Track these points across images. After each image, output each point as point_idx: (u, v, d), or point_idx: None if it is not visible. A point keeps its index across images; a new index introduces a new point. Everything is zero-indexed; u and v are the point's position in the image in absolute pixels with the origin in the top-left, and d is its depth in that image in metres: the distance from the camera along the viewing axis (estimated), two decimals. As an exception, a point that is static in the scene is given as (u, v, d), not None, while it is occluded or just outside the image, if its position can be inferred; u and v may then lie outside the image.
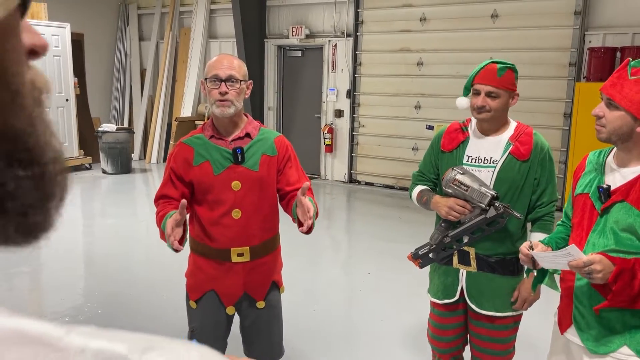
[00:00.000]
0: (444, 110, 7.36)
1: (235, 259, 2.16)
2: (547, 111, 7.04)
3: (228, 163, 2.11)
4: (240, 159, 2.11)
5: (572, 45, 6.80)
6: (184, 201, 1.88)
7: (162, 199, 2.14)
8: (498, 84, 2.16)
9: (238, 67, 2.09)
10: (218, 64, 2.07)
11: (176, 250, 1.91)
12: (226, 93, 2.05)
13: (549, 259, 1.72)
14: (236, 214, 2.13)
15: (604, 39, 6.61)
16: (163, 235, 1.97)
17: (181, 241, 1.90)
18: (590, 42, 6.69)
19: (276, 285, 2.33)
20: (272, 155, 2.18)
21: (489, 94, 2.18)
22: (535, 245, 1.80)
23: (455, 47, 7.59)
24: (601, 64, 6.29)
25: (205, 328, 2.23)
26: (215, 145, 2.13)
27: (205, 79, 2.09)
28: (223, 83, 2.05)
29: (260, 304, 2.26)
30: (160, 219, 2.03)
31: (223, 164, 2.11)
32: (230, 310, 2.23)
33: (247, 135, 2.17)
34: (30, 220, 0.40)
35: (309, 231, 1.99)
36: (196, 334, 2.22)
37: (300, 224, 2.04)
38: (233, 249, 2.14)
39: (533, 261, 1.79)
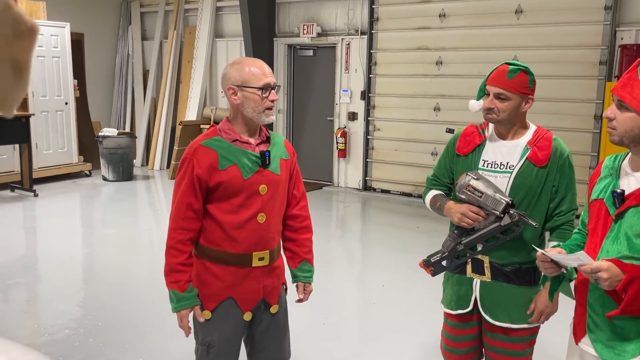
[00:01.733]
0: (464, 113, 7.40)
1: (256, 263, 2.27)
2: (576, 113, 7.07)
3: (256, 167, 2.23)
4: (267, 163, 2.24)
5: (603, 43, 6.83)
6: (208, 314, 2.28)
7: (184, 212, 2.18)
8: (507, 86, 2.23)
9: None
10: (263, 71, 2.21)
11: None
12: (276, 100, 2.26)
13: (562, 260, 1.80)
14: (261, 217, 2.24)
15: (636, 35, 6.64)
16: (171, 289, 2.25)
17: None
18: (622, 38, 6.72)
19: (284, 288, 2.49)
20: (287, 159, 2.35)
21: (497, 96, 2.26)
22: (547, 250, 1.88)
23: (477, 45, 7.66)
24: (633, 62, 6.30)
25: (223, 339, 2.30)
26: (241, 149, 2.23)
27: (243, 87, 2.18)
28: (273, 91, 2.23)
29: (274, 308, 2.38)
30: (173, 271, 2.23)
31: (252, 168, 2.22)
32: (247, 316, 2.31)
33: (267, 139, 2.32)
34: None
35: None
36: (213, 347, 2.28)
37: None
38: (255, 253, 2.26)
39: (555, 263, 1.85)
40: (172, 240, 2.21)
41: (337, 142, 8.89)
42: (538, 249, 1.92)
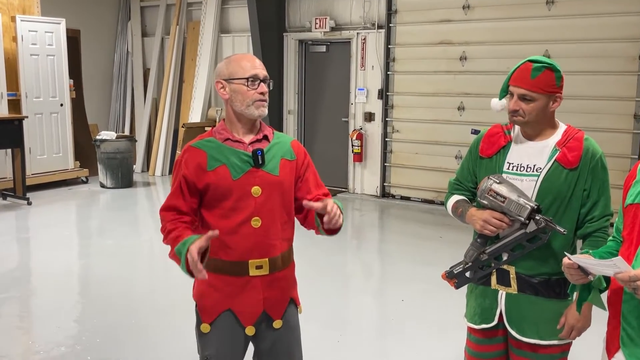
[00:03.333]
0: (491, 112, 7.38)
1: (253, 272, 2.29)
2: (614, 112, 7.04)
3: (247, 167, 2.26)
4: (260, 162, 2.27)
5: (643, 35, 6.82)
6: (216, 232, 2.08)
7: (172, 212, 2.29)
8: (531, 86, 2.24)
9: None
10: (252, 63, 2.29)
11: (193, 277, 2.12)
12: (266, 93, 2.29)
13: (593, 267, 1.81)
14: (256, 222, 2.27)
15: (680, 26, 6.61)
16: (175, 257, 2.16)
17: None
18: (664, 30, 6.70)
19: (294, 303, 2.45)
20: (291, 160, 2.37)
21: (522, 97, 2.27)
22: (574, 257, 1.89)
23: (504, 39, 7.66)
24: (677, 56, 6.28)
25: (222, 354, 2.33)
26: (232, 148, 2.28)
27: (231, 79, 2.27)
28: (262, 83, 2.29)
29: (277, 324, 2.36)
30: (174, 240, 2.19)
31: (242, 168, 2.26)
32: (249, 330, 2.33)
33: (265, 137, 2.35)
34: None
35: (334, 230, 2.28)
36: None
37: (328, 231, 2.31)
38: (251, 260, 2.28)
39: (582, 270, 1.86)
40: (161, 229, 2.30)
41: (352, 145, 8.92)
42: (567, 254, 1.93)
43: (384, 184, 8.89)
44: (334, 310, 4.80)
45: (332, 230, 2.32)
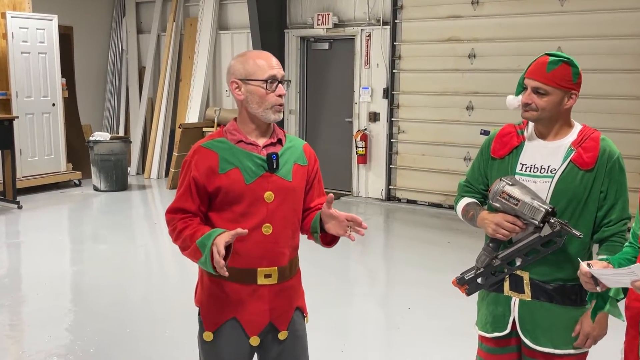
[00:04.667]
0: (501, 112, 7.40)
1: (261, 280, 2.28)
2: (630, 111, 7.03)
3: (261, 171, 2.25)
4: (275, 167, 2.26)
5: (660, 31, 6.81)
6: (245, 230, 2.08)
7: (179, 214, 2.26)
8: (546, 79, 2.25)
9: None
10: (269, 62, 2.25)
11: (217, 274, 2.10)
12: (284, 95, 2.27)
13: (609, 277, 1.80)
14: (267, 229, 2.26)
15: (699, 22, 6.60)
16: (196, 252, 2.14)
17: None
18: (682, 26, 6.69)
19: (301, 313, 2.45)
20: (303, 165, 2.36)
21: (536, 91, 2.27)
22: (594, 263, 1.88)
23: (515, 35, 7.66)
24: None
25: None
26: (245, 150, 2.27)
27: (247, 80, 2.23)
28: (281, 84, 2.26)
29: (283, 335, 2.36)
30: (191, 236, 2.17)
31: (256, 172, 2.25)
32: (254, 340, 2.32)
33: (279, 141, 2.34)
34: None
35: (333, 240, 2.34)
36: None
37: (325, 239, 2.33)
38: (260, 269, 2.27)
39: (594, 280, 1.85)
40: (171, 229, 2.28)
41: (356, 147, 8.92)
42: (583, 261, 1.92)
43: (390, 187, 8.88)
44: (337, 318, 4.79)
45: (331, 241, 2.34)
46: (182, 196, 2.27)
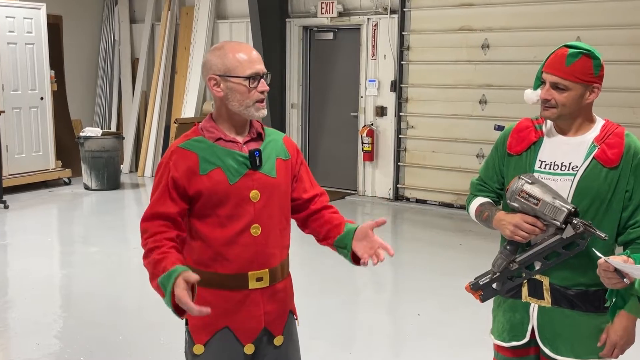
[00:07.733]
0: (516, 106, 7.38)
1: (253, 284, 2.27)
2: (653, 105, 7.01)
3: (244, 169, 2.24)
4: (258, 163, 2.25)
5: (686, 20, 6.78)
6: (197, 277, 1.99)
7: (157, 221, 2.19)
8: (566, 74, 2.23)
9: None
10: (250, 57, 2.22)
11: (181, 315, 2.05)
12: (267, 91, 2.25)
13: (634, 271, 1.77)
14: (255, 230, 2.25)
15: None
16: (158, 288, 2.08)
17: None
18: None
19: (293, 316, 2.46)
20: (286, 159, 2.36)
21: (555, 86, 2.25)
22: (613, 258, 1.85)
23: (531, 24, 7.63)
24: None
25: None
26: (225, 148, 2.25)
27: (227, 76, 2.20)
28: (263, 80, 2.24)
29: (279, 340, 2.35)
30: (156, 264, 2.08)
31: (239, 171, 2.23)
32: (249, 348, 2.31)
33: (259, 136, 2.33)
34: None
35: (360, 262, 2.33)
36: None
37: (355, 258, 2.35)
38: (251, 272, 2.26)
39: (618, 273, 1.82)
40: (142, 244, 2.18)
41: (362, 143, 8.91)
42: (601, 255, 1.89)
43: (398, 185, 8.86)
44: (342, 326, 4.78)
45: (359, 259, 2.34)
46: (160, 199, 2.20)
